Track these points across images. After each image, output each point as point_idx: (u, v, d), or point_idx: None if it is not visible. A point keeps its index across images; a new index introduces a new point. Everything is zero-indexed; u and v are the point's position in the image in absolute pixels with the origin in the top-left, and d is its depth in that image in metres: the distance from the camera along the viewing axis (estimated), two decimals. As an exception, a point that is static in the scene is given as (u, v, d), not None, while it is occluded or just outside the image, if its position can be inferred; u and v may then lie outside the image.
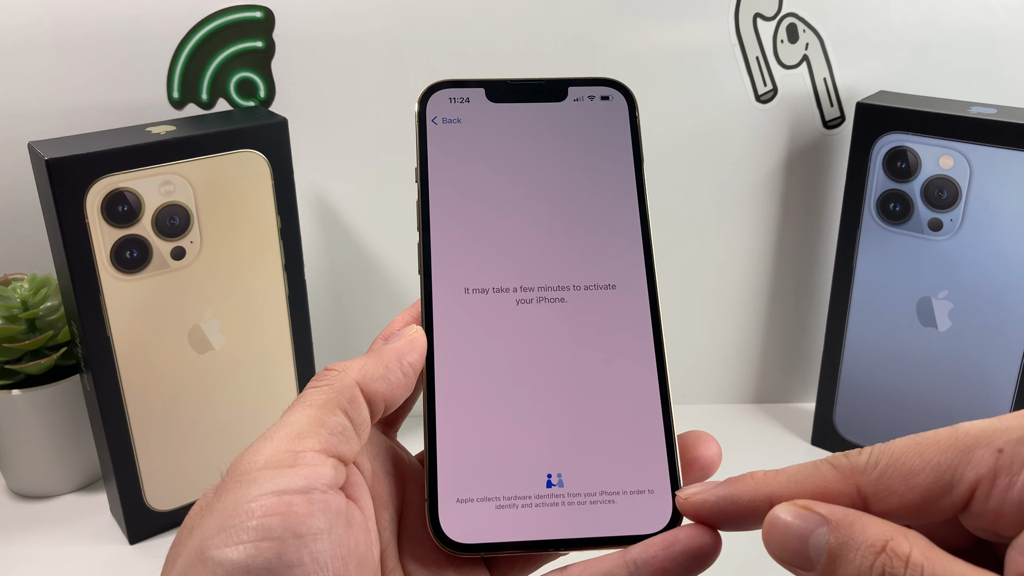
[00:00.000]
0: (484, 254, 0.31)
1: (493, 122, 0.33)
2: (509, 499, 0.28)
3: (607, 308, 0.31)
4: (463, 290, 0.30)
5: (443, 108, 0.33)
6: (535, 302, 0.31)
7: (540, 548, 0.28)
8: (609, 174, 0.33)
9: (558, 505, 0.28)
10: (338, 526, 0.25)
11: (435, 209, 0.31)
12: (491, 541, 0.28)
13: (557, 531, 0.28)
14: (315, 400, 0.27)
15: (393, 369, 0.28)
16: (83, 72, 0.55)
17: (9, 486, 0.57)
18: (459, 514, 0.28)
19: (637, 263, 0.32)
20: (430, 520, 0.28)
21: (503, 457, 0.29)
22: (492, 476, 0.28)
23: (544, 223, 0.32)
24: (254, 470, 0.25)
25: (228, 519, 0.24)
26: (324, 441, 0.26)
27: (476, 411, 0.29)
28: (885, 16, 0.58)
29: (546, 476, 0.28)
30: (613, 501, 0.28)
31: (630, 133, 0.33)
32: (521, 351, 0.30)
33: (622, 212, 0.32)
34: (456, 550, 0.28)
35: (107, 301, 0.47)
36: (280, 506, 0.24)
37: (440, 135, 0.32)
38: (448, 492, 0.28)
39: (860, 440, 0.60)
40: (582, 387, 0.30)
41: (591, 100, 0.34)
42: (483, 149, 0.32)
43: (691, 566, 0.26)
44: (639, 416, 0.29)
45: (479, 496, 0.28)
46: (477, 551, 0.28)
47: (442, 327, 0.30)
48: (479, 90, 0.33)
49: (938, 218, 0.54)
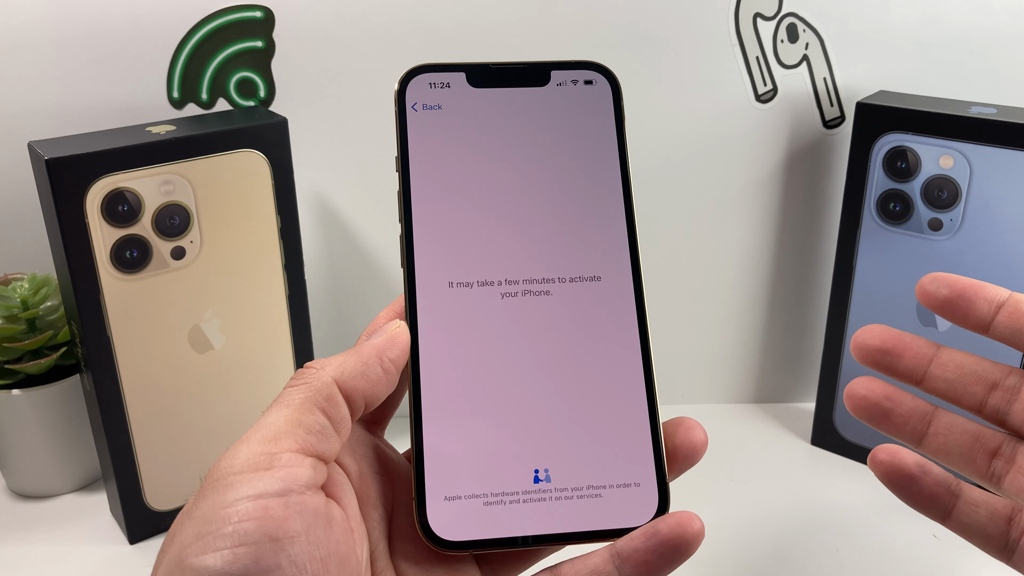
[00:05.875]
0: (468, 247, 0.31)
1: (474, 109, 0.32)
2: (497, 495, 0.28)
3: (592, 300, 0.31)
4: (447, 284, 0.30)
5: (423, 94, 0.32)
6: (520, 295, 0.30)
7: (528, 544, 0.28)
8: (593, 162, 0.32)
9: (546, 500, 0.28)
10: (316, 527, 0.25)
11: (417, 200, 0.31)
12: (480, 538, 0.28)
13: (545, 526, 0.28)
14: (292, 400, 0.27)
15: (373, 365, 0.28)
16: (83, 72, 0.55)
17: (9, 486, 0.57)
18: (447, 511, 0.28)
19: (622, 253, 0.31)
20: (418, 518, 0.28)
21: (490, 453, 0.29)
22: (479, 472, 0.28)
23: (528, 214, 0.31)
24: (230, 475, 0.25)
25: (205, 526, 0.24)
26: (302, 441, 0.26)
27: (462, 407, 0.29)
28: (885, 16, 0.58)
29: (533, 471, 0.29)
30: (600, 495, 0.28)
31: (614, 119, 0.33)
32: (507, 346, 0.30)
33: (606, 201, 0.32)
34: (445, 548, 0.27)
35: (107, 301, 0.47)
36: (256, 511, 0.24)
37: (420, 123, 0.31)
38: (436, 490, 0.28)
39: (860, 440, 0.60)
40: (568, 381, 0.30)
41: (574, 84, 0.33)
42: (464, 137, 0.31)
43: (673, 556, 0.27)
44: (625, 409, 0.30)
45: (467, 493, 0.28)
46: (466, 548, 0.28)
47: (426, 322, 0.30)
48: (460, 75, 0.32)
49: (938, 218, 0.54)
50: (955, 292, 0.30)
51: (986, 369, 0.30)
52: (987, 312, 0.29)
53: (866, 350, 0.31)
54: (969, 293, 0.30)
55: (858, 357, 0.31)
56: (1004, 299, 0.29)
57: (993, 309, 0.29)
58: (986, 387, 0.30)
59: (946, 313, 0.30)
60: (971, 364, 0.30)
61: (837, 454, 0.62)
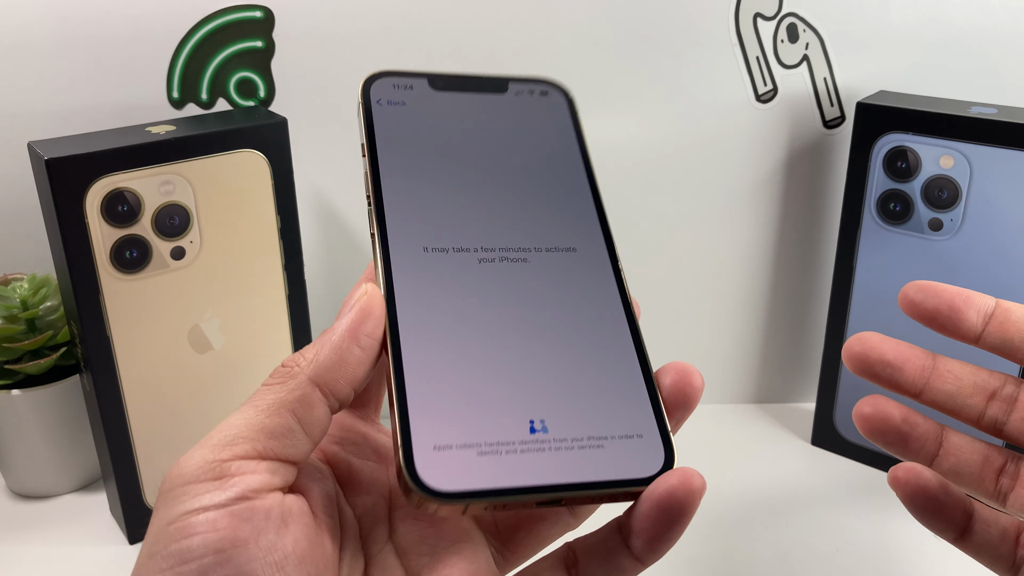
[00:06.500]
0: (440, 218, 0.30)
1: (438, 106, 0.33)
2: (492, 445, 0.26)
3: (571, 267, 0.30)
4: (422, 249, 0.29)
5: (387, 92, 0.33)
6: (497, 261, 0.30)
7: (532, 494, 0.25)
8: (556, 152, 0.33)
9: (545, 451, 0.26)
10: (267, 532, 0.24)
11: (386, 178, 0.30)
12: (478, 488, 0.25)
13: (548, 476, 0.25)
14: (261, 401, 0.26)
15: (349, 348, 0.26)
16: (83, 72, 0.55)
17: (9, 486, 0.57)
18: (438, 461, 0.25)
19: (594, 229, 0.31)
20: (406, 468, 0.25)
21: (480, 404, 0.26)
22: (470, 422, 0.26)
23: (498, 194, 0.31)
24: (177, 486, 0.24)
25: (154, 544, 0.24)
26: (261, 446, 0.25)
27: (446, 360, 0.27)
28: (885, 16, 0.58)
29: (528, 422, 0.26)
30: (602, 446, 0.26)
31: (571, 120, 0.34)
32: (489, 304, 0.29)
33: (573, 185, 0.32)
34: (439, 499, 0.24)
35: (107, 301, 0.47)
36: (200, 525, 0.24)
37: (386, 114, 0.32)
38: (423, 439, 0.25)
39: (860, 440, 0.60)
40: (555, 337, 0.28)
41: (531, 94, 0.34)
42: (430, 126, 0.32)
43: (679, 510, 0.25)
44: (616, 363, 0.28)
45: (458, 443, 0.25)
46: (462, 500, 0.25)
47: (402, 283, 0.28)
48: (422, 79, 0.33)
49: (938, 218, 0.54)
50: (944, 303, 0.29)
51: (983, 379, 0.30)
52: (976, 323, 0.29)
53: (865, 362, 0.30)
54: (958, 304, 0.29)
55: (854, 368, 0.30)
56: (992, 309, 0.29)
57: (982, 320, 0.29)
58: (984, 398, 0.30)
59: (935, 325, 0.29)
60: (968, 374, 0.30)
61: (837, 454, 0.62)
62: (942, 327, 0.29)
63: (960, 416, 0.30)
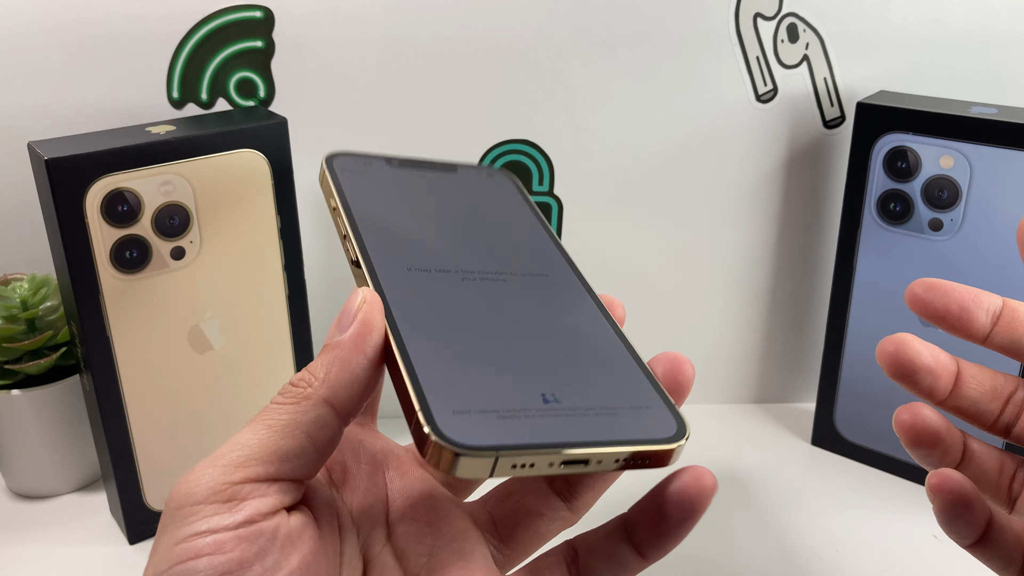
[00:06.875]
0: (418, 248, 0.32)
1: (396, 175, 0.37)
2: (509, 411, 0.26)
3: (547, 285, 0.32)
4: (405, 268, 0.30)
5: (348, 165, 0.36)
6: (478, 280, 0.31)
7: (560, 449, 0.25)
8: (513, 210, 0.37)
9: (563, 416, 0.26)
10: (272, 552, 0.24)
11: (360, 216, 0.33)
12: (506, 442, 0.24)
13: (572, 435, 0.25)
14: (276, 420, 0.26)
15: (358, 363, 0.26)
16: (83, 72, 0.55)
17: (9, 486, 0.57)
18: (460, 422, 0.25)
19: (562, 264, 0.34)
20: (429, 425, 0.24)
21: (489, 380, 0.27)
22: (484, 394, 0.26)
23: (467, 234, 0.34)
24: (187, 505, 0.25)
25: (160, 563, 0.24)
26: (274, 469, 0.25)
27: (449, 348, 0.27)
28: (885, 16, 0.58)
29: (540, 395, 0.27)
30: (615, 414, 0.27)
31: (520, 194, 0.38)
32: (480, 304, 0.30)
33: (534, 236, 0.35)
34: (468, 452, 0.24)
35: (107, 301, 0.47)
36: (206, 547, 0.24)
37: (351, 177, 0.35)
38: (441, 404, 0.25)
39: (861, 440, 0.60)
40: (550, 330, 0.30)
41: (478, 175, 0.39)
42: (392, 186, 0.36)
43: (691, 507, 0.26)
44: (611, 352, 0.29)
45: (477, 408, 0.25)
46: (491, 452, 0.24)
47: (393, 293, 0.29)
48: (379, 160, 0.37)
49: (938, 218, 0.54)
50: (954, 303, 0.29)
51: (1001, 383, 0.30)
52: (986, 324, 0.29)
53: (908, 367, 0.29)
54: (968, 303, 0.29)
55: (891, 372, 0.29)
56: (999, 308, 0.29)
57: (991, 320, 0.29)
58: (1002, 402, 0.30)
59: (944, 325, 0.29)
60: (988, 379, 0.30)
61: (837, 454, 0.62)
62: (951, 327, 0.29)
63: (978, 421, 0.30)
